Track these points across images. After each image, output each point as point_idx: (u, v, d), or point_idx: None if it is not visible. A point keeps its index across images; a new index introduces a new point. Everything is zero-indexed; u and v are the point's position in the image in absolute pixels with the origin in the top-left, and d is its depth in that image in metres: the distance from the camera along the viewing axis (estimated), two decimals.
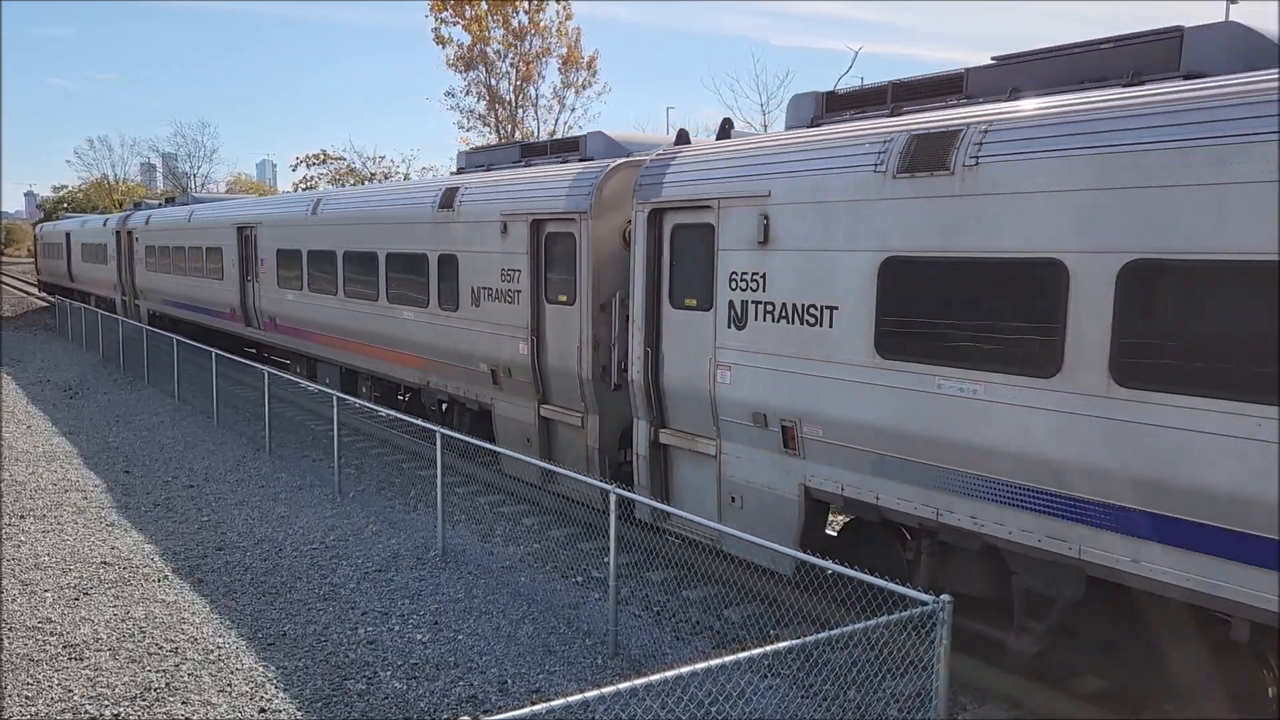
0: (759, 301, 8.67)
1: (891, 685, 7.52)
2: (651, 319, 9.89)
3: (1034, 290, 6.55)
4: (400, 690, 7.41)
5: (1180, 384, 5.82)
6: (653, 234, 9.82)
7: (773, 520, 8.72)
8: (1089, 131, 6.32)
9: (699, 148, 9.88)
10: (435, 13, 45.39)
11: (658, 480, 10.13)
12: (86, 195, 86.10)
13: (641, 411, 10.14)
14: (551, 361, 11.68)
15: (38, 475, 13.90)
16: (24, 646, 8.05)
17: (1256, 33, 6.46)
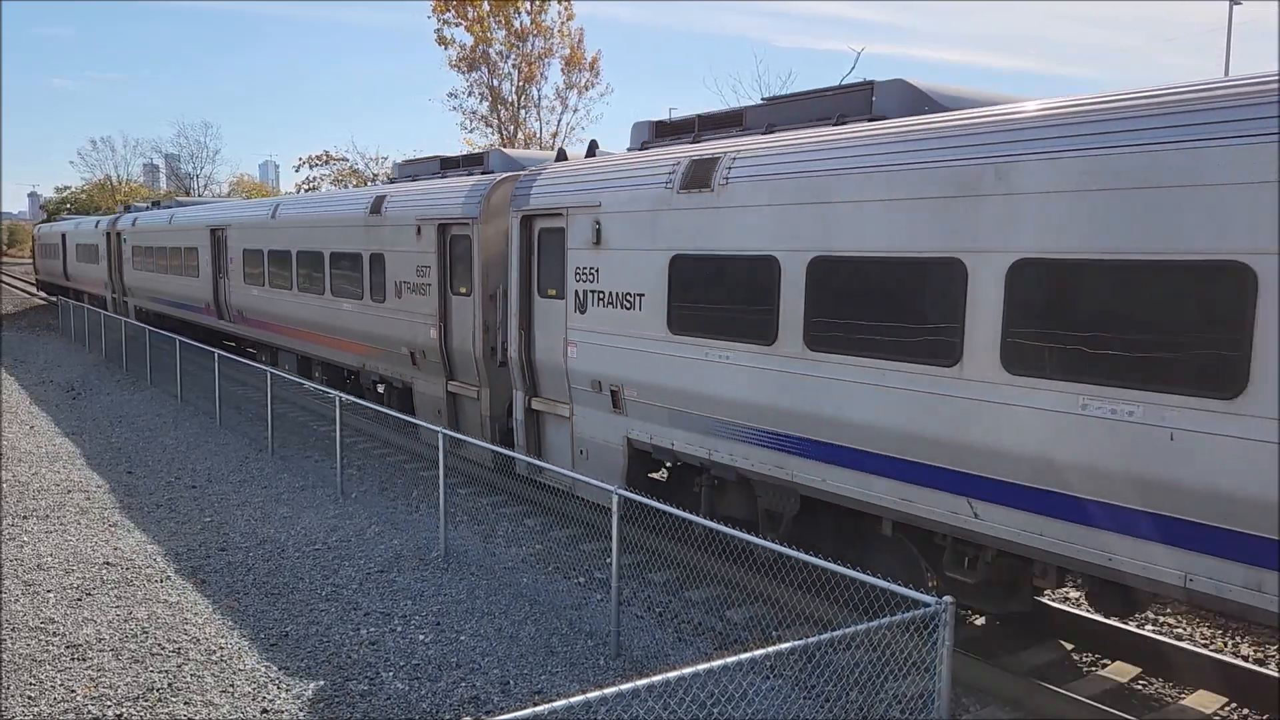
0: (594, 290, 10.75)
1: (894, 686, 7.51)
2: (525, 306, 11.92)
3: (762, 279, 8.68)
4: (403, 691, 7.41)
5: (844, 348, 8.10)
6: (524, 236, 11.84)
7: (608, 466, 10.79)
8: (788, 160, 8.62)
9: (558, 166, 11.86)
10: (438, 14, 45.41)
11: (532, 440, 12.16)
12: (90, 196, 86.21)
13: (519, 384, 12.15)
14: (455, 344, 13.71)
15: (41, 476, 13.91)
16: (27, 647, 8.06)
17: (919, 90, 8.57)
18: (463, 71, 46.35)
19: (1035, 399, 6.73)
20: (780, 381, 8.56)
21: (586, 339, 10.87)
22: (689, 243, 9.43)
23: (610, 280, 10.50)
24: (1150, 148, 6.11)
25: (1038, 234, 6.68)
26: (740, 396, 8.98)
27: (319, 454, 15.57)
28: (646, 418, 10.22)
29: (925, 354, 7.40)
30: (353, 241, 16.25)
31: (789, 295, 8.42)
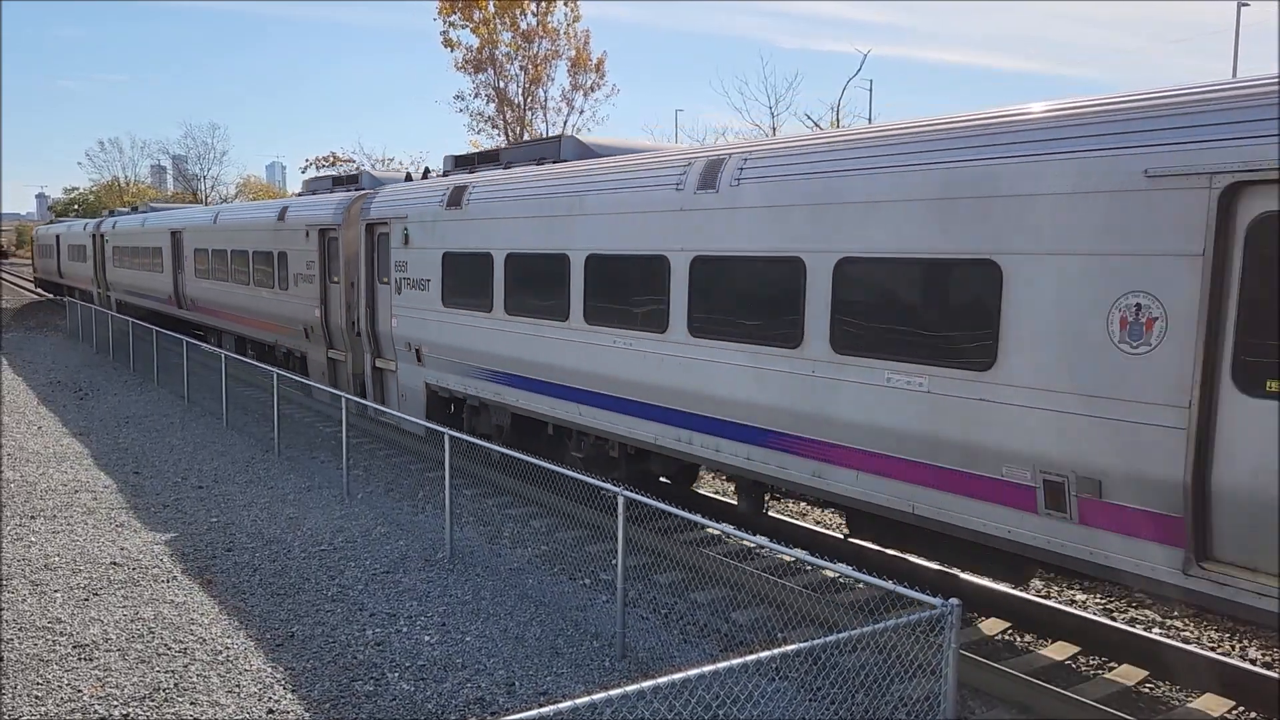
0: (405, 278, 15.03)
1: (900, 689, 7.49)
2: (369, 291, 16.36)
3: (483, 269, 13.01)
4: (408, 692, 7.42)
5: (524, 312, 12.28)
6: (369, 239, 16.31)
7: (417, 405, 15.08)
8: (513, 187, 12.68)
9: (395, 186, 16.36)
10: (444, 16, 45.47)
11: (377, 390, 16.68)
12: (98, 197, 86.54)
13: (367, 348, 16.70)
14: (331, 321, 18.03)
15: (48, 476, 13.95)
16: (34, 646, 8.08)
17: (584, 143, 13.00)
18: (469, 73, 46.42)
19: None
20: (493, 337, 12.88)
21: (402, 313, 15.25)
22: (458, 243, 13.59)
23: (414, 270, 14.75)
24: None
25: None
26: (478, 348, 13.25)
27: (325, 455, 15.60)
28: (436, 367, 14.53)
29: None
30: (266, 242, 20.59)
31: (497, 277, 12.67)
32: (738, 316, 9.23)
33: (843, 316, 8.20)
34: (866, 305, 8.05)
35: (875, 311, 7.97)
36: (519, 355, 12.28)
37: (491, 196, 12.92)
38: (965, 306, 7.37)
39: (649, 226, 10.11)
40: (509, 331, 12.42)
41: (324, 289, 18.24)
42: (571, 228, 11.23)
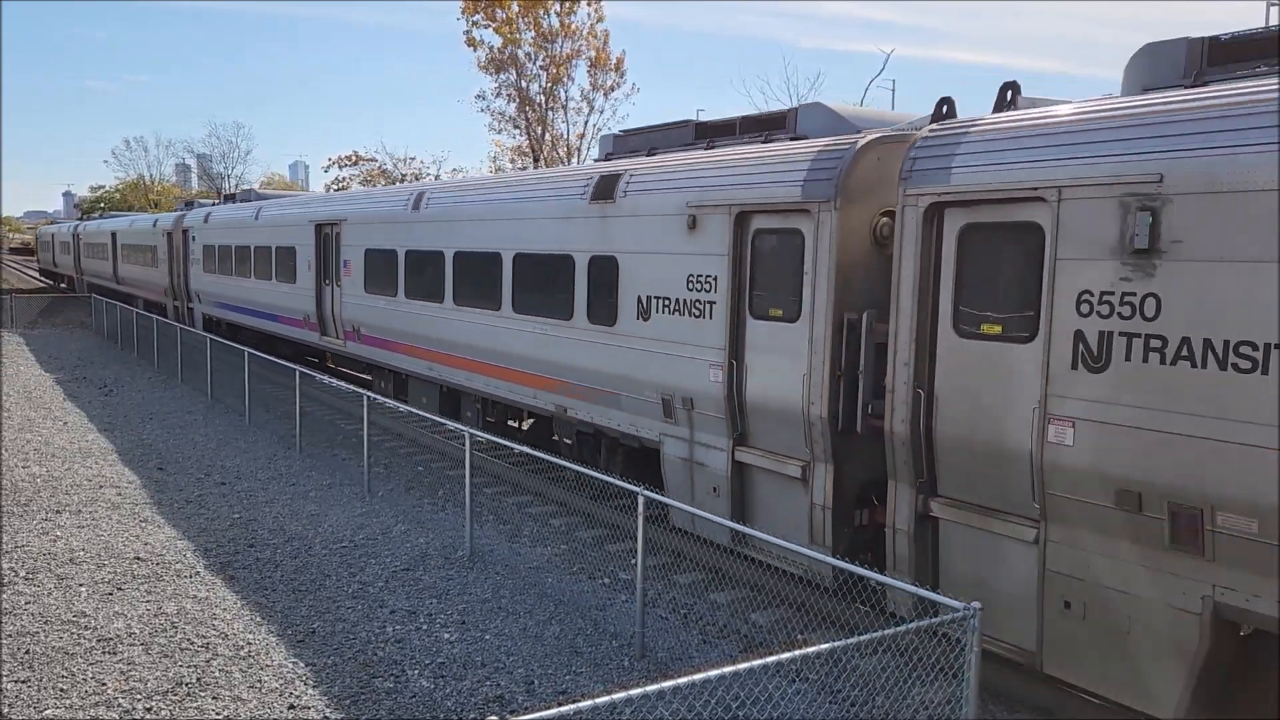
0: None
1: (920, 692, 7.45)
2: (322, 283, 19.57)
3: (388, 261, 16.84)
4: (428, 689, 7.44)
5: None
6: (320, 239, 19.35)
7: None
8: (458, 196, 15.29)
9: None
10: (467, 15, 45.60)
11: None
12: (123, 195, 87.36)
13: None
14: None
15: (73, 471, 14.09)
16: (59, 640, 8.16)
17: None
18: (491, 73, 46.52)
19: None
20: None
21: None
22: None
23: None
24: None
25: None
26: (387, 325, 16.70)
27: (346, 452, 15.67)
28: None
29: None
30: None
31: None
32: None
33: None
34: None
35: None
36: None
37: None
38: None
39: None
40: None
41: (320, 287, 19.93)
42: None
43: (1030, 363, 6.89)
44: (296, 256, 20.34)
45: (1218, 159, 5.85)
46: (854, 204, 8.43)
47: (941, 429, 7.58)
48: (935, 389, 7.61)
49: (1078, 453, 6.53)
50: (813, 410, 8.63)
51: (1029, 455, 6.88)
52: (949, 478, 7.65)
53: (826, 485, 8.72)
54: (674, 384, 10.18)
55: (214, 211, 27.71)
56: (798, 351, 8.80)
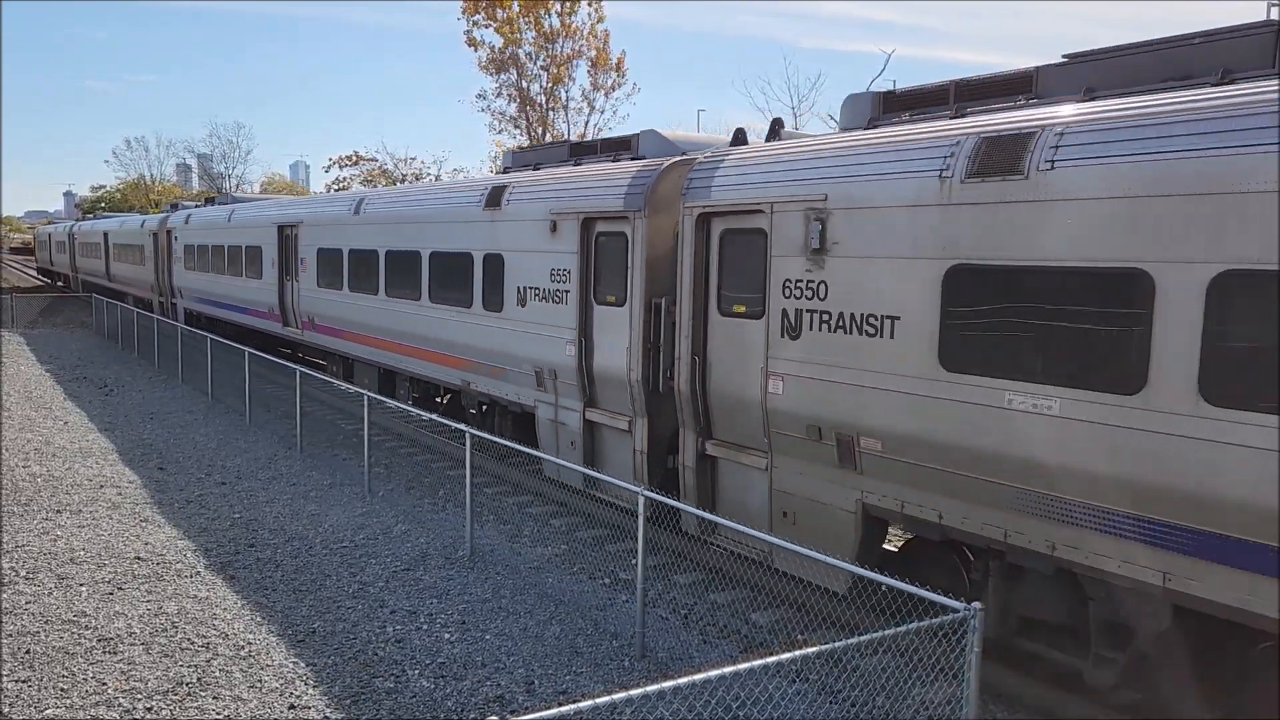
0: (309, 260, 19.59)
1: (920, 692, 7.45)
2: (283, 278, 21.07)
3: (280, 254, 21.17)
4: (428, 689, 7.44)
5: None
6: (282, 239, 21.00)
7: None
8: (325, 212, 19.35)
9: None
10: (468, 15, 45.62)
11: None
12: (124, 195, 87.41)
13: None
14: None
15: (74, 471, 14.10)
16: (59, 640, 8.17)
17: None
18: (491, 73, 46.54)
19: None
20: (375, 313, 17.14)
21: (306, 291, 19.98)
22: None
23: (313, 265, 19.60)
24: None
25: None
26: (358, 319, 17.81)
27: (346, 452, 15.68)
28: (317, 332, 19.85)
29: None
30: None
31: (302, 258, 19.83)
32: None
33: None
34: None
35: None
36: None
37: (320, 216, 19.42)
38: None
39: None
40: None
41: (282, 281, 21.27)
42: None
43: (760, 334, 8.99)
44: (263, 255, 22.17)
45: (853, 184, 8.00)
46: (659, 213, 10.51)
47: (711, 387, 9.73)
48: (707, 356, 9.75)
49: (785, 399, 8.73)
50: (632, 376, 10.74)
51: (760, 403, 8.98)
52: (718, 424, 9.81)
53: (643, 435, 10.87)
54: (543, 359, 12.27)
55: (194, 214, 29.80)
56: (623, 330, 10.88)
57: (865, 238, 7.89)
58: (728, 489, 9.76)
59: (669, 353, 10.24)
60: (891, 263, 7.66)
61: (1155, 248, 6.04)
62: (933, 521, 7.62)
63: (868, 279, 7.85)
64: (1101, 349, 6.36)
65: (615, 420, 11.22)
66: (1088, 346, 6.44)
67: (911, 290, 7.51)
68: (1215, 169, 5.78)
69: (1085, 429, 6.43)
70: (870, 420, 7.84)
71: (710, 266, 9.67)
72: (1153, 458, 6.12)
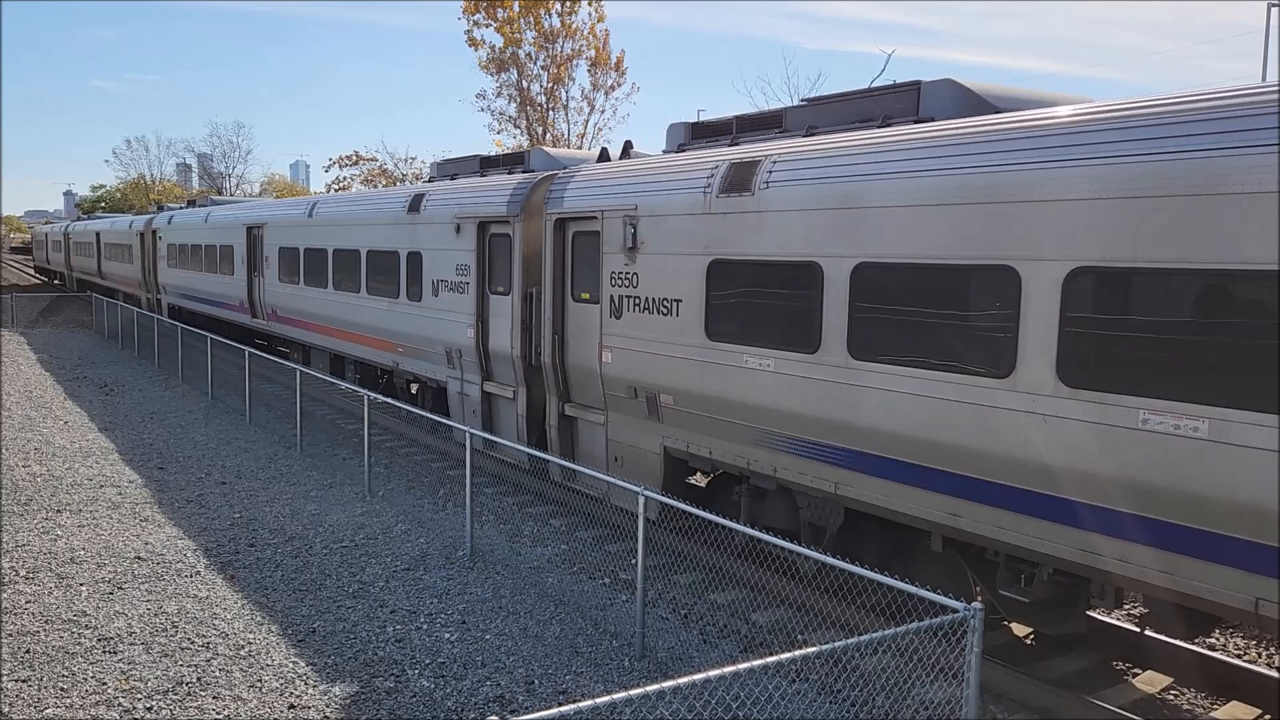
0: (271, 258, 21.41)
1: (920, 692, 7.45)
2: (251, 274, 23.16)
3: (225, 254, 25.05)
4: (428, 689, 7.44)
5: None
6: (250, 239, 23.15)
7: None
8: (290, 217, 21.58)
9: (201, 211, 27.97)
10: (468, 15, 45.61)
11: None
12: (124, 195, 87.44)
13: (256, 315, 23.93)
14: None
15: (74, 470, 14.10)
16: (60, 639, 8.16)
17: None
18: (492, 73, 46.52)
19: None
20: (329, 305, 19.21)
21: (268, 287, 22.40)
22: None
23: (275, 263, 21.72)
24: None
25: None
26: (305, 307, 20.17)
27: (347, 451, 15.68)
28: (283, 321, 21.73)
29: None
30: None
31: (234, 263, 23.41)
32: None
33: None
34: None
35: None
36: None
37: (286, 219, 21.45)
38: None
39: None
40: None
41: (251, 275, 23.24)
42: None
43: (597, 315, 11.19)
44: (234, 253, 24.26)
45: (653, 197, 10.32)
46: (533, 218, 12.59)
47: (568, 360, 12.00)
48: (565, 335, 11.98)
49: (613, 367, 11.00)
50: (515, 353, 12.87)
51: (597, 371, 11.25)
52: (574, 390, 12.06)
53: (523, 401, 13.06)
54: (451, 341, 14.39)
55: (176, 215, 32.13)
56: (508, 315, 13.01)
57: (661, 239, 10.18)
58: (583, 442, 12.07)
59: (539, 333, 12.34)
60: (677, 258, 9.97)
61: (820, 246, 8.37)
62: (706, 457, 9.91)
63: (662, 271, 10.17)
64: (798, 321, 8.58)
65: (504, 390, 13.47)
66: (789, 319, 8.71)
67: (688, 279, 9.80)
68: (853, 189, 8.12)
69: (788, 380, 8.71)
70: (666, 381, 10.16)
71: (565, 262, 11.90)
72: (820, 399, 8.40)
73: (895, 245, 7.73)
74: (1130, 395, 6.25)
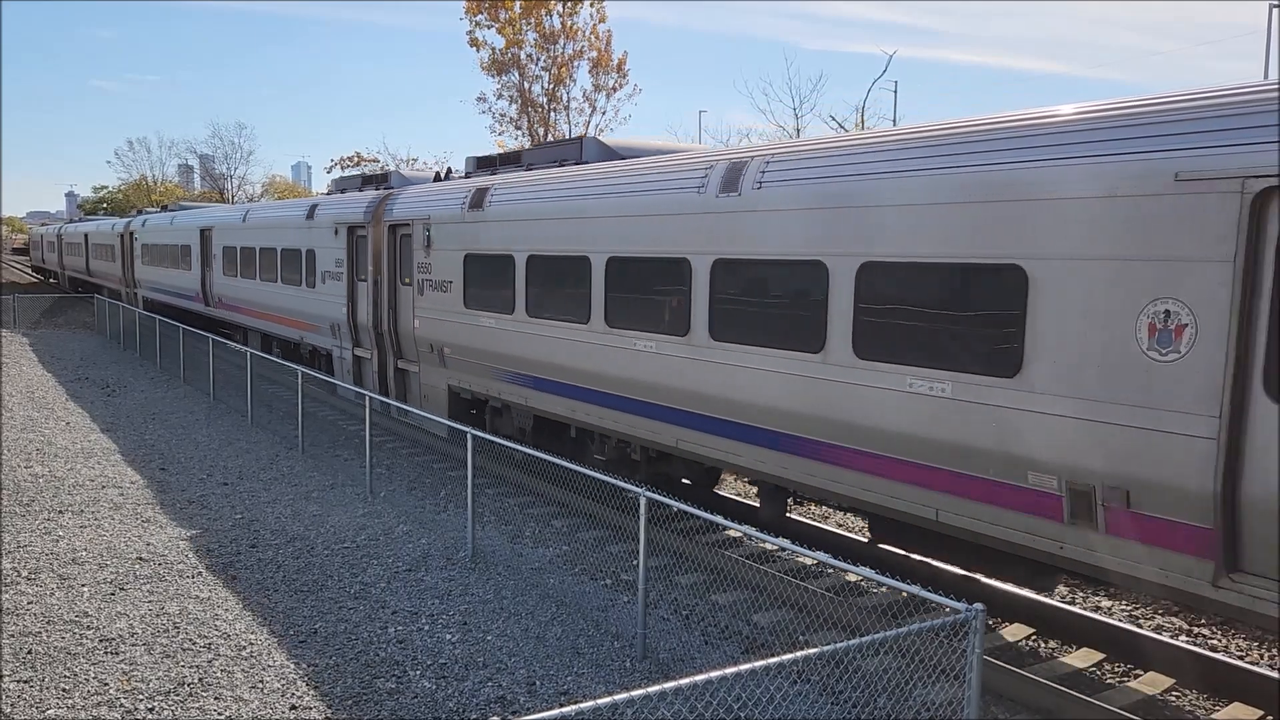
0: (217, 255, 25.90)
1: (922, 693, 7.45)
2: (204, 269, 27.51)
3: (184, 251, 29.64)
4: (430, 690, 7.44)
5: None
6: (203, 239, 27.09)
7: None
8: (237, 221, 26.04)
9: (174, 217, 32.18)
10: (470, 16, 45.65)
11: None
12: (126, 196, 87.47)
13: (213, 304, 27.59)
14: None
15: (76, 471, 14.11)
16: (62, 640, 8.17)
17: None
18: (493, 74, 46.55)
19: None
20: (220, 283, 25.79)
21: (216, 279, 26.64)
22: (242, 242, 23.79)
23: (224, 258, 25.71)
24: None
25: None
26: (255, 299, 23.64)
27: (349, 452, 15.68)
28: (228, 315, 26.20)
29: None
30: (181, 240, 30.32)
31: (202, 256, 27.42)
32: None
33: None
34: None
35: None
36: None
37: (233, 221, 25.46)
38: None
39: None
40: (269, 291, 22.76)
41: (204, 269, 27.50)
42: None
43: (411, 295, 15.54)
44: (191, 251, 28.73)
45: (439, 210, 14.69)
46: (379, 224, 16.76)
47: (399, 328, 16.27)
48: (397, 310, 16.31)
49: (420, 331, 15.35)
50: (371, 323, 17.07)
51: (412, 334, 15.58)
52: (404, 350, 16.34)
53: (375, 360, 17.27)
54: (333, 317, 18.60)
55: (149, 219, 36.69)
56: (366, 296, 17.21)
57: (442, 239, 14.58)
58: (411, 387, 16.29)
59: (382, 308, 16.66)
60: (449, 252, 14.37)
61: (513, 244, 12.82)
62: (469, 389, 14.38)
63: (443, 262, 14.53)
64: (505, 294, 13.00)
65: (366, 354, 17.68)
66: (502, 293, 13.08)
67: (454, 267, 14.21)
68: (534, 207, 12.58)
69: (503, 333, 13.12)
70: (448, 338, 14.53)
71: (396, 256, 16.22)
72: (520, 344, 12.74)
73: (553, 243, 12.01)
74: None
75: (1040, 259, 6.81)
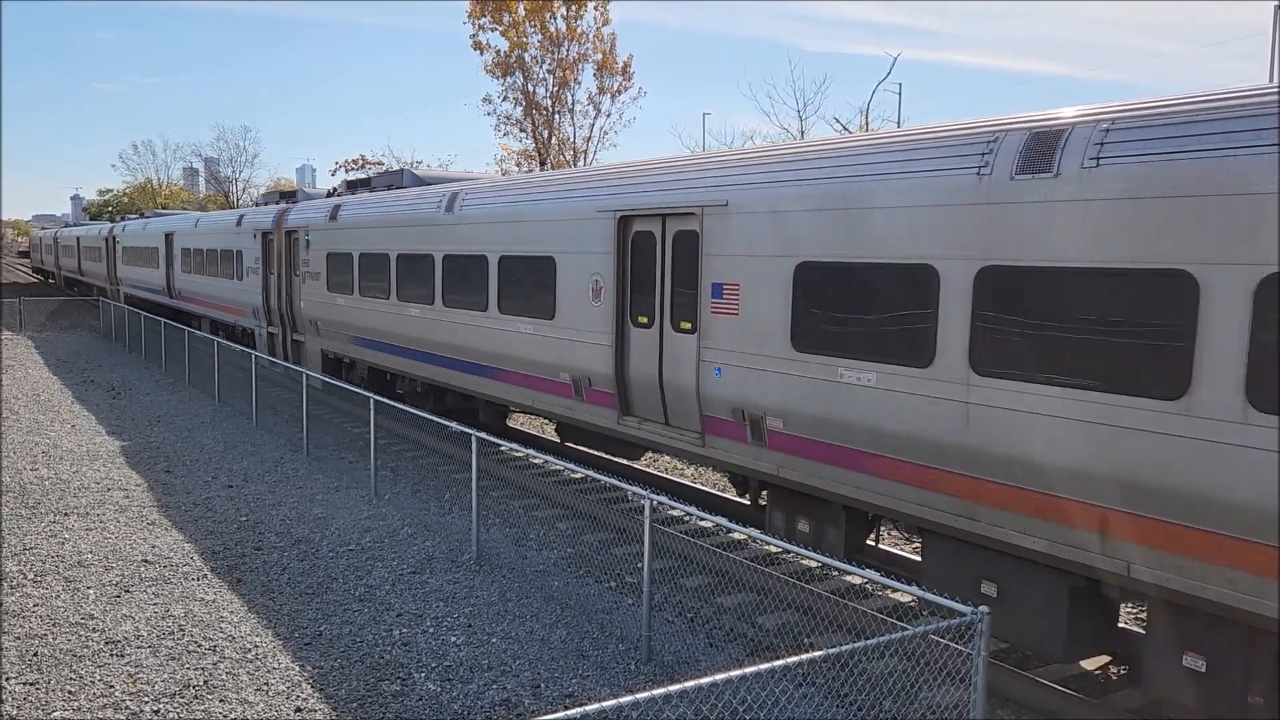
0: (178, 255, 31.34)
1: (927, 696, 7.43)
2: (169, 268, 32.87)
3: (157, 253, 34.99)
4: (434, 692, 7.45)
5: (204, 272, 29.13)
6: (167, 242, 32.67)
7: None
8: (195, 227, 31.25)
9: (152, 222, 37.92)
10: (474, 19, 45.71)
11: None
12: (131, 199, 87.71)
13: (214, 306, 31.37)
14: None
15: (81, 474, 14.14)
16: (67, 642, 8.18)
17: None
18: (498, 76, 46.59)
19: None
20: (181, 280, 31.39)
21: (176, 276, 31.78)
22: (194, 245, 29.29)
23: (185, 259, 30.61)
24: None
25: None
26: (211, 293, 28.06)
27: (353, 455, 15.70)
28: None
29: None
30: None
31: (171, 256, 32.72)
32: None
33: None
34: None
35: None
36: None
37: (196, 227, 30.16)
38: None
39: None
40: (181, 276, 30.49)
41: (169, 269, 32.20)
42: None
43: (299, 283, 20.43)
44: (159, 252, 33.65)
45: (312, 219, 20.00)
46: (280, 230, 21.34)
47: (293, 309, 20.93)
48: (292, 296, 20.88)
49: (306, 309, 20.19)
50: (277, 306, 21.61)
51: (300, 312, 20.42)
52: (298, 325, 20.82)
53: (283, 335, 21.84)
54: (253, 303, 23.20)
55: (128, 224, 42.65)
56: (275, 286, 21.59)
57: (316, 241, 19.18)
58: (302, 354, 20.72)
59: (282, 294, 21.26)
60: (319, 251, 19.05)
61: (383, 245, 16.71)
62: (337, 353, 18.99)
63: (315, 258, 19.16)
64: (376, 280, 16.82)
65: (275, 330, 22.31)
66: (368, 279, 17.19)
67: (321, 263, 18.90)
68: (390, 216, 17.02)
69: (357, 310, 17.61)
70: (319, 315, 19.23)
71: (293, 255, 20.46)
72: (375, 319, 16.94)
73: (372, 244, 17.06)
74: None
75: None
